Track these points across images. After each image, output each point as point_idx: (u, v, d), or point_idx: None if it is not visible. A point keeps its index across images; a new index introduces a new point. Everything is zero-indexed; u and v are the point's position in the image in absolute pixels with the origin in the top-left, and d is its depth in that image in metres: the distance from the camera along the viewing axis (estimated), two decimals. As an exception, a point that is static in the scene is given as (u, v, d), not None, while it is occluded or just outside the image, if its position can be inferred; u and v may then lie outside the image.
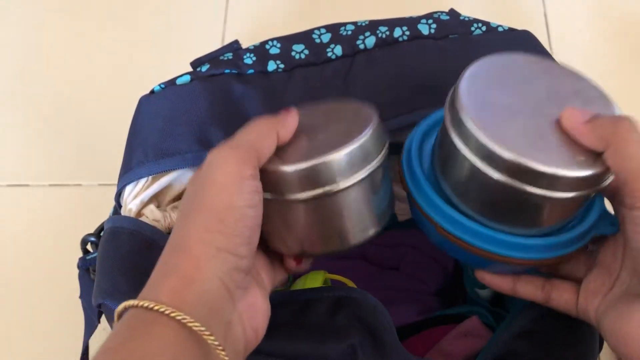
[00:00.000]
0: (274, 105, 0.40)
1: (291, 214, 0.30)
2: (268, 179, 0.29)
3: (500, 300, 0.48)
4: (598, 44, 0.68)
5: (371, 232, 0.32)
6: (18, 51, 0.71)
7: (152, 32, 0.72)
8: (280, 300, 0.34)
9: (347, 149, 0.29)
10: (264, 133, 0.29)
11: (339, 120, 0.32)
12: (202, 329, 0.25)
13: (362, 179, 0.29)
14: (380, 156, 0.30)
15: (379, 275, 0.54)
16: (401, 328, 0.46)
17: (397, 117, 0.37)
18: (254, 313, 0.29)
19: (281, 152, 0.30)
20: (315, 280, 0.41)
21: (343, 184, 0.29)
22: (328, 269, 0.46)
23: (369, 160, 0.30)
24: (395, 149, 0.34)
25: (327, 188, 0.29)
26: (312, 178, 0.29)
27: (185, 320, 0.24)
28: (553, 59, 0.36)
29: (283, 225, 0.31)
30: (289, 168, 0.29)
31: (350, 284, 0.44)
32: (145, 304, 0.25)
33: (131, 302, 0.26)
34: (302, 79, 0.41)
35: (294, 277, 0.50)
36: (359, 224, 0.31)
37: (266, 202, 0.29)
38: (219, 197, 0.27)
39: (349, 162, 0.29)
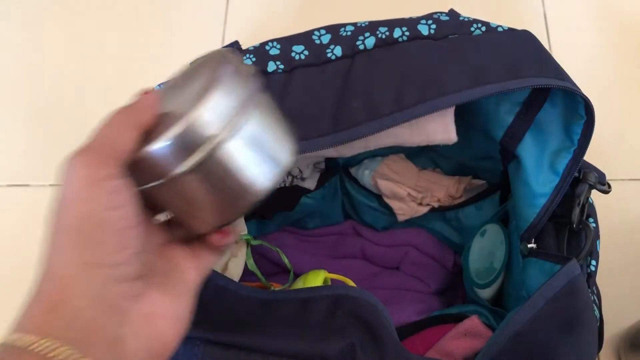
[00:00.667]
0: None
1: (188, 189, 0.27)
2: (145, 166, 0.26)
3: (500, 300, 0.48)
4: (598, 44, 0.68)
5: (277, 170, 0.29)
6: (18, 51, 0.71)
7: (152, 32, 0.72)
8: (279, 299, 0.34)
9: (205, 100, 0.26)
10: (117, 126, 0.26)
11: (198, 78, 0.29)
12: (73, 354, 0.22)
13: (242, 123, 0.27)
14: (251, 94, 0.28)
15: (379, 275, 0.55)
16: (401, 328, 0.46)
17: (399, 112, 0.37)
18: (153, 321, 0.26)
19: (152, 134, 0.27)
20: (315, 279, 0.41)
21: (221, 136, 0.26)
22: (328, 269, 0.46)
23: (242, 104, 0.27)
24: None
25: (207, 147, 0.26)
26: (185, 144, 0.26)
27: (47, 352, 0.22)
28: None
29: (186, 204, 0.28)
30: (155, 146, 0.26)
31: (350, 283, 0.44)
32: (8, 340, 0.23)
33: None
34: (301, 79, 0.41)
35: (295, 275, 0.50)
36: (261, 168, 0.28)
37: (158, 190, 0.27)
38: (72, 207, 0.25)
39: (215, 112, 0.26)
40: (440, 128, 0.42)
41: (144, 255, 0.27)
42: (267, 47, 0.43)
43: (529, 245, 0.41)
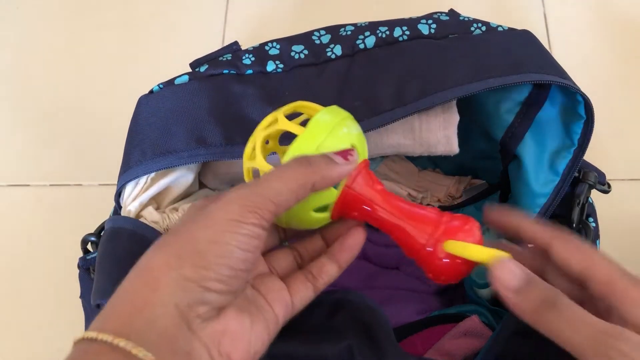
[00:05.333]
0: (273, 105, 0.40)
1: None
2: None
3: (500, 300, 0.48)
4: (598, 43, 0.68)
5: None
6: (18, 51, 0.71)
7: (152, 32, 0.72)
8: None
9: None
10: (292, 186, 0.27)
11: None
12: (149, 356, 0.23)
13: None
14: None
15: (379, 275, 0.54)
16: (401, 327, 0.46)
17: (399, 108, 0.37)
18: (223, 340, 0.26)
19: None
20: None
21: None
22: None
23: None
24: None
25: None
26: None
27: (128, 348, 0.23)
28: None
29: None
30: None
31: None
32: (88, 335, 0.23)
33: (80, 335, 0.24)
34: (301, 78, 0.41)
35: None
36: None
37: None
38: (205, 230, 0.25)
39: None
40: (442, 140, 0.42)
41: (239, 287, 0.27)
42: (267, 47, 0.43)
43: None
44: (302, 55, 0.42)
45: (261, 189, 0.27)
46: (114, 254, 0.36)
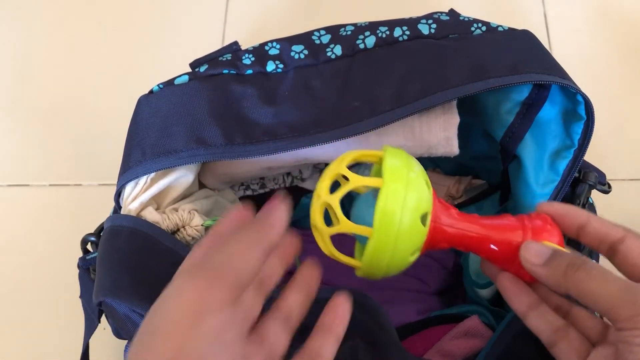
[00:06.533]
0: (272, 105, 0.40)
1: None
2: None
3: (500, 300, 0.48)
4: (598, 44, 0.68)
5: None
6: (18, 51, 0.71)
7: (152, 32, 0.72)
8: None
9: None
10: (244, 250, 0.25)
11: None
12: None
13: None
14: None
15: (379, 275, 0.54)
16: (401, 328, 0.46)
17: (399, 108, 0.37)
18: None
19: None
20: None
21: None
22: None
23: None
24: None
25: None
26: None
27: None
28: None
29: None
30: None
31: None
32: None
33: None
34: (301, 78, 0.41)
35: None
36: None
37: None
38: (165, 344, 0.22)
39: None
40: (443, 141, 0.42)
41: None
42: (267, 47, 0.43)
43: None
44: (302, 55, 0.42)
45: (212, 264, 0.24)
46: (114, 252, 0.36)
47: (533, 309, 0.32)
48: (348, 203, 0.35)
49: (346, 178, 0.32)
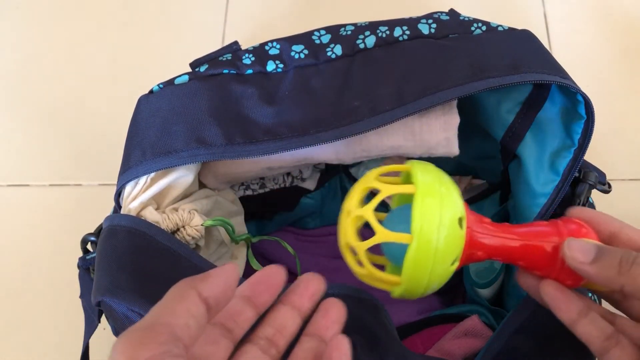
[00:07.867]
0: (272, 105, 0.40)
1: None
2: None
3: (500, 300, 0.48)
4: (598, 44, 0.68)
5: None
6: (18, 51, 0.71)
7: (152, 32, 0.72)
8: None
9: None
10: (175, 299, 0.23)
11: None
12: None
13: None
14: None
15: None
16: (401, 327, 0.46)
17: (399, 108, 0.37)
18: None
19: None
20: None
21: None
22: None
23: None
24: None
25: None
26: None
27: None
28: None
29: None
30: None
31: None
32: None
33: None
34: (301, 78, 0.41)
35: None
36: None
37: None
38: None
39: None
40: (443, 142, 0.42)
41: None
42: (267, 47, 0.43)
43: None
44: (302, 55, 0.42)
45: (148, 319, 0.23)
46: (113, 251, 0.36)
47: (583, 315, 0.30)
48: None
49: (374, 194, 0.31)
